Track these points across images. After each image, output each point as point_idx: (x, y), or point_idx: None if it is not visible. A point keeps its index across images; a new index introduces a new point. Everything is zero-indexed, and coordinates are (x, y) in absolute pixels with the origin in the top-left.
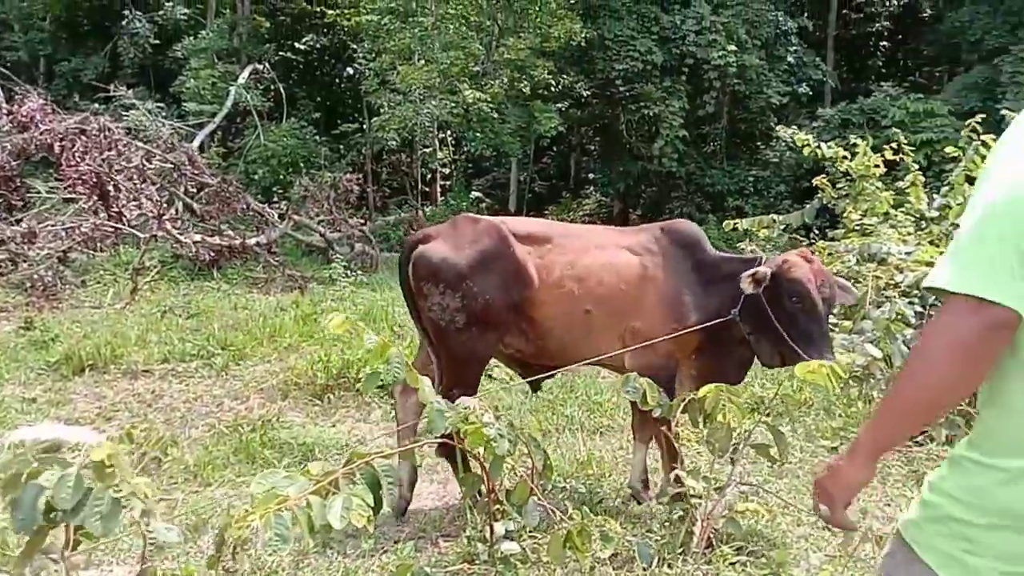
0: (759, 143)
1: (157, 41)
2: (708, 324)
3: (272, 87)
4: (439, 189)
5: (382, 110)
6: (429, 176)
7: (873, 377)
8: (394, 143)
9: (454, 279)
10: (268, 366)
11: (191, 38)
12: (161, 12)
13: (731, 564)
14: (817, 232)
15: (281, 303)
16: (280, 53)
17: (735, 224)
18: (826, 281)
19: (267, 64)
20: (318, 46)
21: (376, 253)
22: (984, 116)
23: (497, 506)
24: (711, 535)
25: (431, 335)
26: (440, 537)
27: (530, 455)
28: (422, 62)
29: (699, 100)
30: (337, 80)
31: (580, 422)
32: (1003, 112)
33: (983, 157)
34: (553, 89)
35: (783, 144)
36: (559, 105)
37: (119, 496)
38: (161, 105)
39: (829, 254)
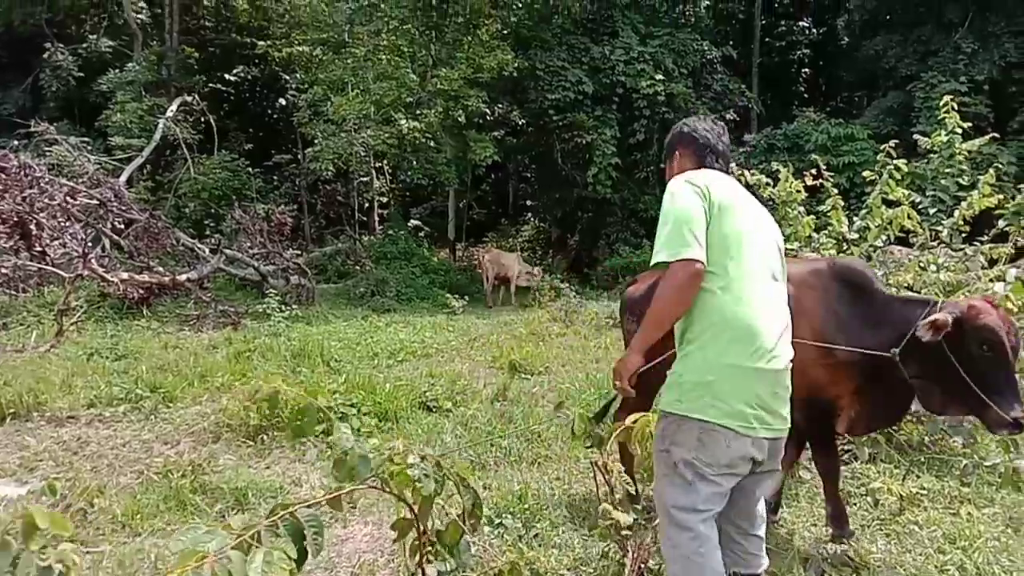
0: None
1: (81, 74)
2: (858, 360)
3: (202, 119)
4: (377, 218)
5: (316, 141)
6: (367, 205)
7: None
8: (329, 173)
9: (638, 311)
10: (199, 408)
11: (117, 71)
12: (85, 45)
13: None
14: None
15: (213, 341)
16: (210, 85)
17: None
18: (1012, 329)
19: (196, 96)
20: (249, 77)
21: (312, 285)
22: (898, 140)
23: (429, 548)
24: (642, 567)
25: None
26: None
27: (459, 494)
28: (355, 93)
29: (630, 128)
30: (269, 111)
31: (519, 453)
32: (915, 136)
33: (897, 180)
34: (488, 118)
35: None
36: (495, 134)
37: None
38: (86, 140)
39: None
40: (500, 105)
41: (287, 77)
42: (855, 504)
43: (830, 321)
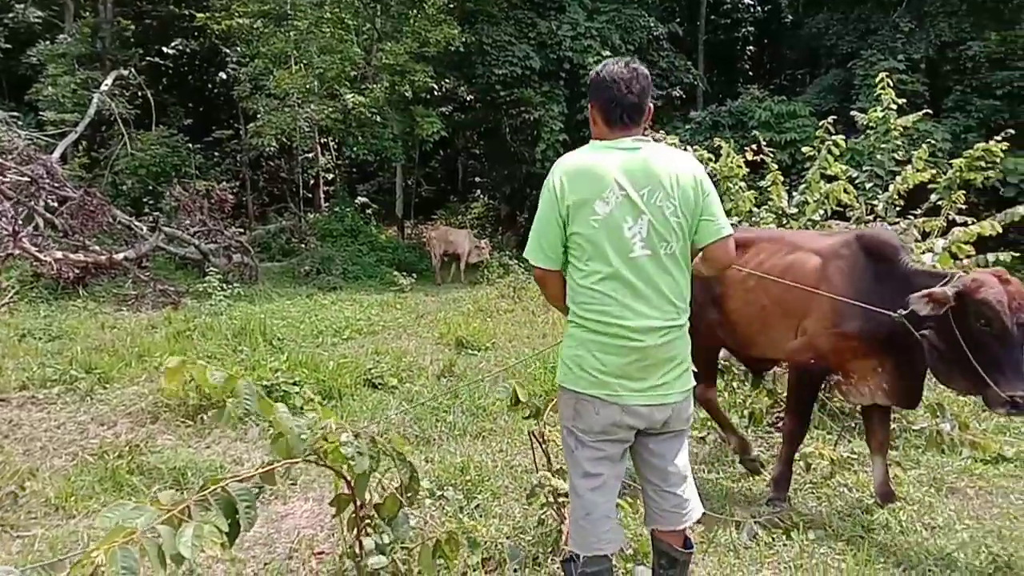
0: None
1: (8, 45)
2: (871, 331)
3: (139, 94)
4: (323, 195)
5: (258, 116)
6: (312, 182)
7: (737, 368)
8: (272, 149)
9: None
10: (137, 388)
11: (47, 43)
12: (11, 15)
13: None
14: None
15: (152, 320)
16: (147, 58)
17: None
18: (1018, 304)
19: (133, 70)
20: (188, 50)
21: (255, 264)
22: (837, 117)
23: (368, 521)
24: None
25: None
26: (313, 555)
27: (396, 469)
28: (298, 67)
29: (578, 104)
30: (210, 85)
31: (463, 427)
32: (853, 113)
33: (835, 156)
34: (436, 93)
35: None
36: (443, 109)
37: None
38: (16, 114)
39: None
40: (447, 80)
41: (227, 50)
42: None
43: (849, 293)
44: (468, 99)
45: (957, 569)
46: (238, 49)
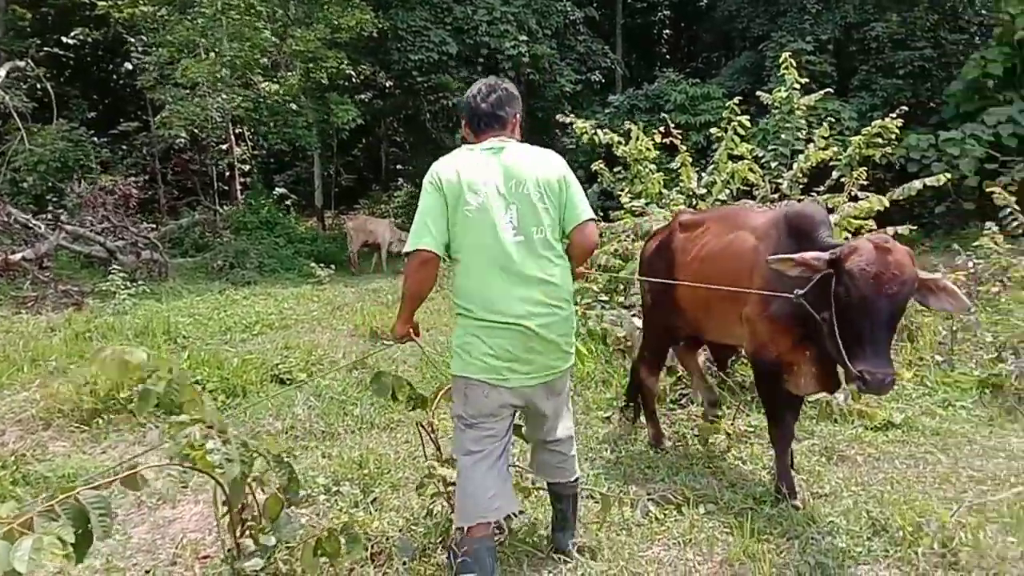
0: (556, 131)
1: None
2: (791, 311)
3: (38, 86)
4: (239, 187)
5: (166, 106)
6: (228, 174)
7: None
8: (182, 141)
9: (644, 267)
10: (28, 394)
11: None
12: None
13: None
14: (602, 214)
15: (52, 323)
16: (46, 49)
17: None
18: (894, 276)
19: (30, 61)
20: (90, 40)
21: (166, 260)
22: (743, 98)
23: (251, 523)
24: None
25: None
26: (197, 560)
27: (272, 471)
28: (208, 55)
29: None
30: (115, 76)
31: (370, 420)
32: (759, 94)
33: (741, 137)
34: (354, 80)
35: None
36: (362, 96)
37: None
38: None
39: (612, 233)
40: (364, 67)
41: (132, 39)
42: (688, 445)
43: (773, 273)
44: (387, 86)
45: (838, 535)
46: (143, 38)
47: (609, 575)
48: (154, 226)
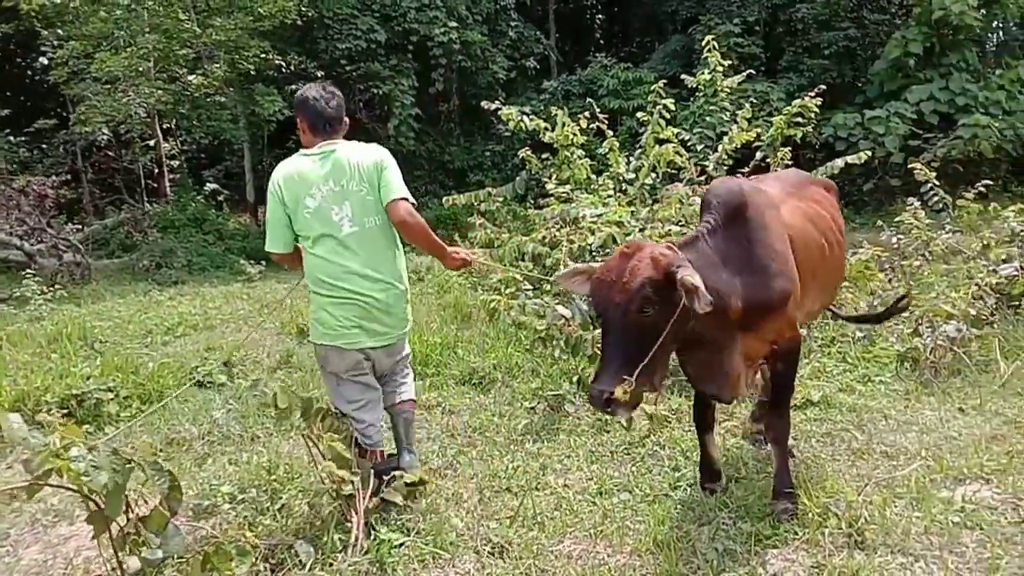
0: (492, 118)
1: None
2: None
3: None
4: (168, 183)
5: (85, 102)
6: (156, 171)
7: (558, 337)
8: (104, 138)
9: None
10: None
11: None
12: None
13: (393, 548)
14: (531, 202)
15: None
16: None
17: (454, 200)
18: (615, 285)
19: None
20: (1, 34)
21: (87, 262)
22: (667, 81)
23: (135, 537)
24: (369, 523)
25: None
26: None
27: (150, 480)
28: (130, 48)
29: (429, 78)
30: (29, 72)
31: (292, 421)
32: (683, 77)
33: (667, 120)
34: (283, 71)
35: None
36: (292, 87)
37: None
38: None
39: (542, 220)
40: (291, 56)
41: (45, 32)
42: (609, 431)
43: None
44: (317, 76)
45: (749, 518)
46: (58, 31)
47: (516, 574)
48: (80, 227)
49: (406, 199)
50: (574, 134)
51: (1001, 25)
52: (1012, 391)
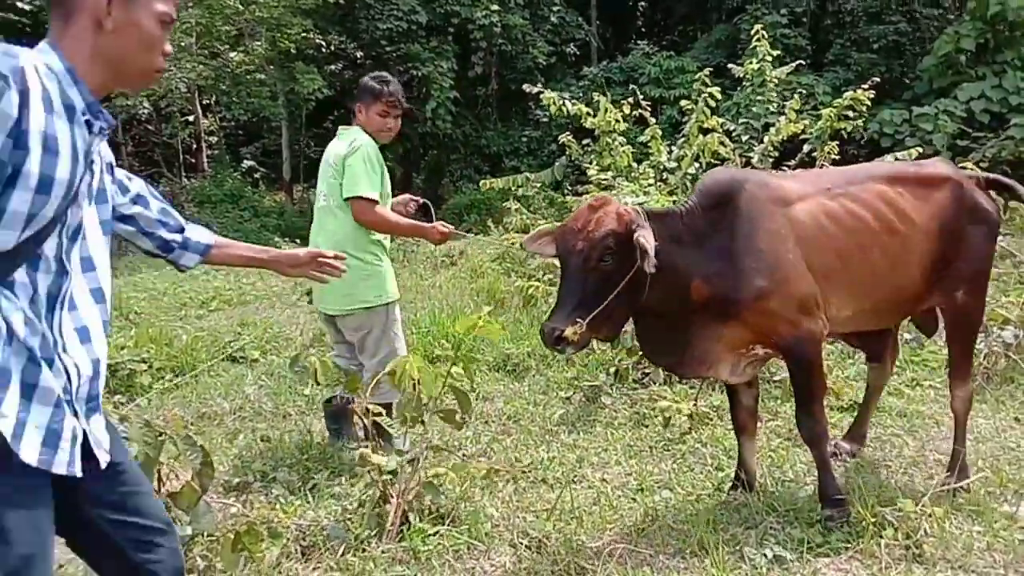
0: (530, 103)
1: None
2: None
3: None
4: (206, 159)
5: None
6: (195, 146)
7: None
8: (144, 112)
9: None
10: None
11: None
12: None
13: (426, 538)
14: (569, 188)
15: None
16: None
17: (491, 184)
18: (579, 232)
19: None
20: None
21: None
22: (712, 71)
23: None
24: (406, 511)
25: None
26: None
27: (182, 454)
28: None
29: (468, 61)
30: None
31: (321, 401)
32: (730, 67)
33: (713, 109)
34: (323, 50)
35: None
36: (332, 67)
37: None
38: None
39: (573, 209)
40: (332, 36)
41: None
42: (648, 426)
43: None
44: (357, 56)
45: (798, 523)
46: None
47: (554, 572)
48: None
49: (360, 197)
50: (616, 120)
51: None
52: None
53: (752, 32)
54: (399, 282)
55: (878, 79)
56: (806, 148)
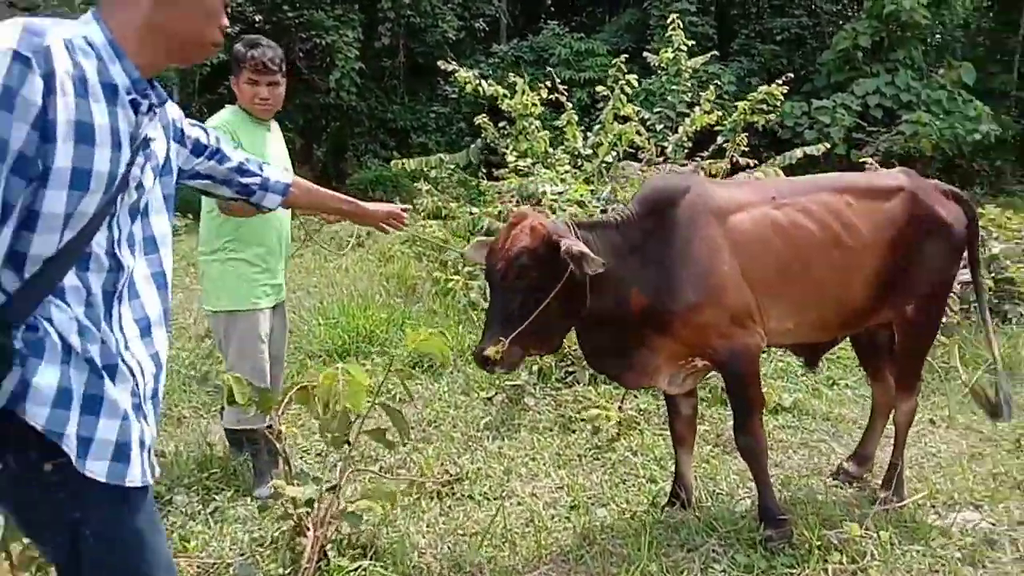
0: (439, 79)
1: None
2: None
3: None
4: None
5: None
6: None
7: None
8: None
9: None
10: None
11: None
12: None
13: (350, 574)
14: (484, 172)
15: None
16: None
17: (402, 164)
18: (492, 254)
19: None
20: None
21: None
22: (629, 57)
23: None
24: (323, 545)
25: None
26: None
27: None
28: None
29: (375, 31)
30: None
31: (221, 403)
32: (645, 54)
33: (628, 96)
34: None
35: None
36: (230, 30)
37: None
38: None
39: (496, 193)
40: None
41: None
42: (576, 431)
43: None
44: (255, 20)
45: (740, 545)
46: None
47: None
48: None
49: None
50: (534, 104)
51: (943, 26)
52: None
53: (667, 21)
54: (300, 264)
55: (779, 71)
56: (720, 140)
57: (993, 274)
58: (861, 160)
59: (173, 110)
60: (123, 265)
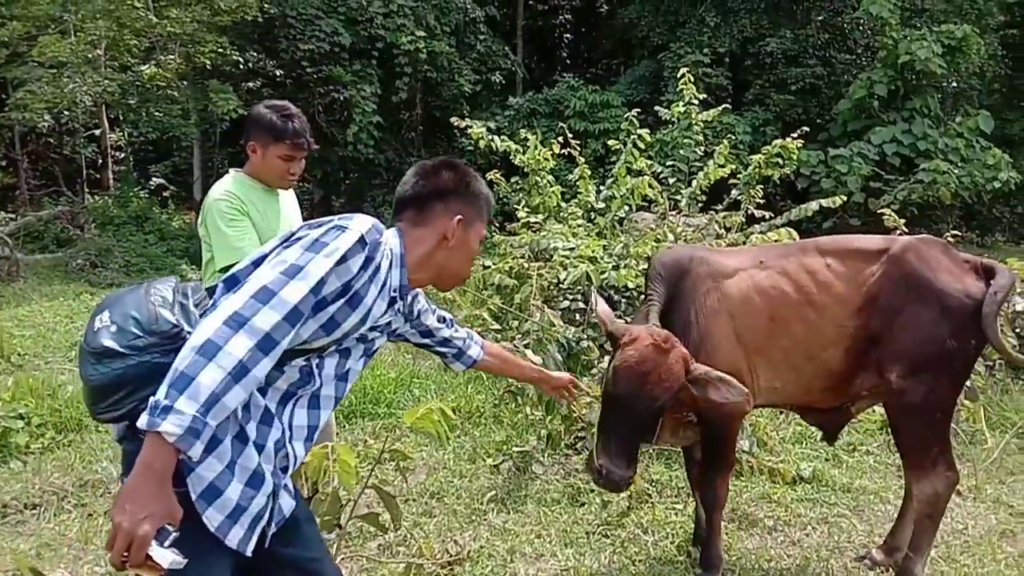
0: (455, 131)
1: None
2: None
3: None
4: (112, 176)
5: (24, 87)
6: (100, 162)
7: (530, 391)
8: (45, 125)
9: None
10: None
11: None
12: None
13: None
14: (497, 226)
15: None
16: None
17: None
18: (633, 375)
19: None
20: None
21: (16, 256)
22: (641, 110)
23: None
24: None
25: None
26: None
27: None
28: (79, 34)
29: (392, 86)
30: None
31: None
32: (656, 108)
33: (641, 149)
34: (241, 67)
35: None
36: (250, 84)
37: None
38: None
39: (509, 247)
40: (250, 54)
41: None
42: (584, 504)
43: None
44: (276, 75)
45: None
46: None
47: None
48: (13, 217)
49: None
50: (546, 159)
51: (959, 74)
52: (1006, 471)
53: (679, 75)
54: None
55: (794, 121)
56: (734, 193)
57: (1018, 331)
58: (879, 210)
59: (421, 298)
60: (315, 377)
